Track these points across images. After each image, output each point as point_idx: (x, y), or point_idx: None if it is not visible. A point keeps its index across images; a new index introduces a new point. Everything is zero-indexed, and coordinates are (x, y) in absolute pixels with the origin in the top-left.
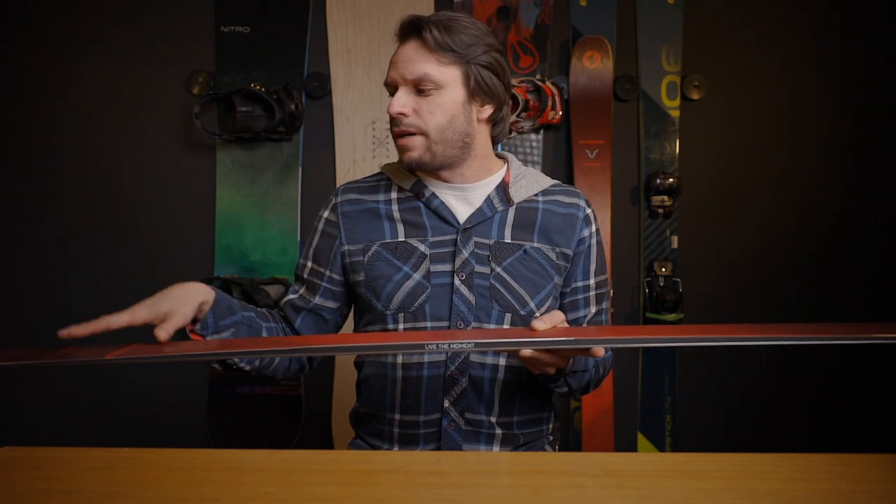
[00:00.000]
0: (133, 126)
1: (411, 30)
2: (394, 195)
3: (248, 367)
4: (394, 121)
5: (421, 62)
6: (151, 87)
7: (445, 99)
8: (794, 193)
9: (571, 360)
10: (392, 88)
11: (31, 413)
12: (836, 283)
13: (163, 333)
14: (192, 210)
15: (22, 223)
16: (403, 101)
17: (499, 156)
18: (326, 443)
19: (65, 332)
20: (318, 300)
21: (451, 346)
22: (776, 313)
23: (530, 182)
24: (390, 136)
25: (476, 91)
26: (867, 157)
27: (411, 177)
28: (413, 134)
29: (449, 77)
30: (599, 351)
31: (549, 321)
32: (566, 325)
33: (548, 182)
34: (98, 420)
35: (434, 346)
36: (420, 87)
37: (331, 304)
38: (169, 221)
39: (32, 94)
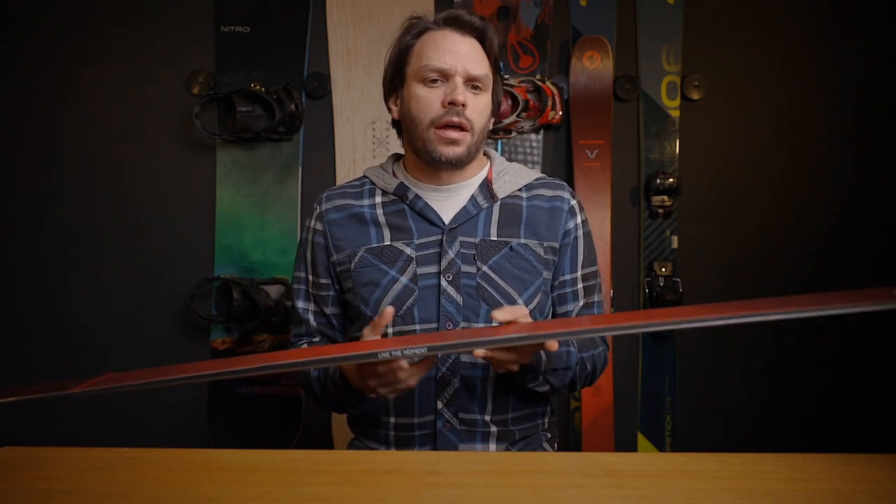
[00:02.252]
0: (133, 126)
1: (472, 28)
2: (378, 199)
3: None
4: (452, 110)
5: (482, 62)
6: (151, 87)
7: (487, 102)
8: (795, 193)
9: (544, 357)
10: (440, 76)
11: (31, 413)
12: (836, 283)
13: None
14: (192, 210)
15: (22, 223)
16: (466, 92)
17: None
18: (326, 443)
19: None
20: (330, 310)
21: (404, 352)
22: None
23: (513, 177)
24: (390, 136)
25: (493, 101)
26: (867, 157)
27: (394, 179)
28: (465, 129)
29: (490, 84)
30: (553, 345)
31: (510, 313)
32: (528, 318)
33: (531, 176)
34: (98, 420)
35: (387, 354)
36: (474, 86)
37: (337, 311)
38: (169, 221)
39: (32, 94)
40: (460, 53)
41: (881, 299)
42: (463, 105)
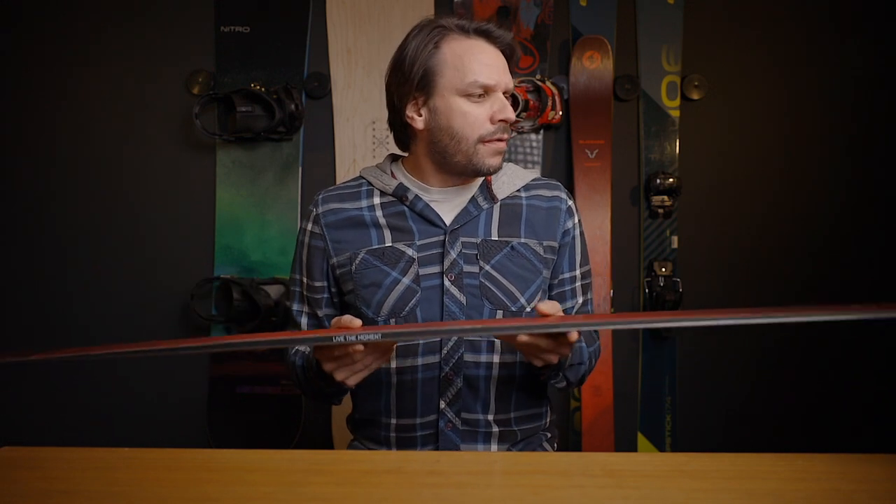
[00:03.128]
0: (133, 126)
1: (504, 43)
2: (377, 200)
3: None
4: (502, 127)
5: (510, 76)
6: (151, 87)
7: None
8: (794, 193)
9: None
10: (485, 90)
11: (31, 413)
12: (836, 283)
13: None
14: (192, 210)
15: (22, 223)
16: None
17: None
18: (326, 443)
19: None
20: (324, 311)
21: (359, 338)
22: None
23: (511, 178)
24: (390, 136)
25: None
26: (867, 156)
27: (393, 180)
28: (506, 141)
29: None
30: (573, 335)
31: (553, 307)
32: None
33: (528, 176)
34: (98, 420)
35: (342, 339)
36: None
37: (331, 312)
38: (169, 221)
39: (33, 94)
40: (499, 68)
41: (839, 311)
42: (512, 122)
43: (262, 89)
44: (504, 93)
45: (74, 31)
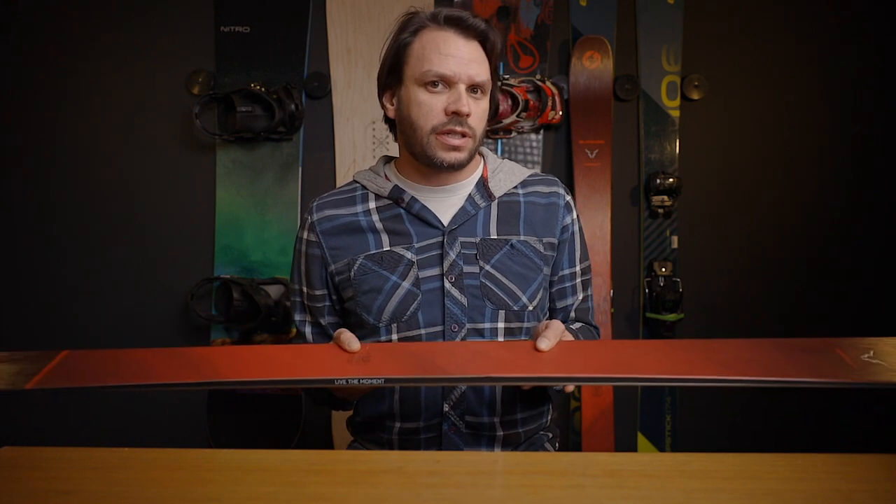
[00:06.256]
0: (133, 126)
1: (475, 31)
2: (372, 205)
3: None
4: (455, 120)
5: (483, 67)
6: (151, 87)
7: (486, 107)
8: (794, 193)
9: None
10: (442, 81)
11: (31, 413)
12: (836, 283)
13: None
14: (192, 210)
15: (22, 223)
16: (469, 100)
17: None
18: (326, 443)
19: None
20: (327, 320)
21: (361, 381)
22: (776, 313)
23: (508, 174)
24: (390, 136)
25: (492, 104)
26: (867, 156)
27: (387, 183)
28: (466, 136)
29: (489, 88)
30: (569, 387)
31: (553, 337)
32: (568, 336)
33: (525, 173)
34: (98, 420)
35: (343, 382)
36: (475, 91)
37: (334, 320)
38: (169, 221)
39: (33, 94)
40: (463, 59)
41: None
42: (467, 115)
43: (262, 89)
44: (473, 85)
45: (74, 32)
